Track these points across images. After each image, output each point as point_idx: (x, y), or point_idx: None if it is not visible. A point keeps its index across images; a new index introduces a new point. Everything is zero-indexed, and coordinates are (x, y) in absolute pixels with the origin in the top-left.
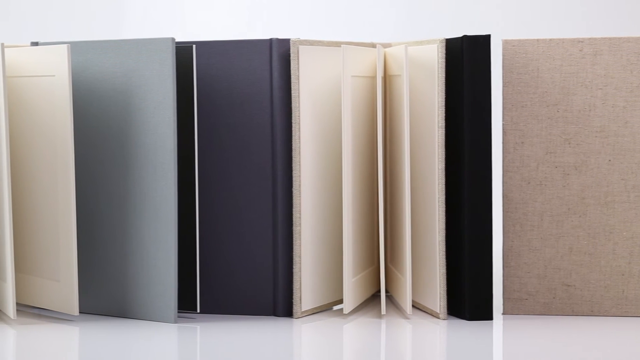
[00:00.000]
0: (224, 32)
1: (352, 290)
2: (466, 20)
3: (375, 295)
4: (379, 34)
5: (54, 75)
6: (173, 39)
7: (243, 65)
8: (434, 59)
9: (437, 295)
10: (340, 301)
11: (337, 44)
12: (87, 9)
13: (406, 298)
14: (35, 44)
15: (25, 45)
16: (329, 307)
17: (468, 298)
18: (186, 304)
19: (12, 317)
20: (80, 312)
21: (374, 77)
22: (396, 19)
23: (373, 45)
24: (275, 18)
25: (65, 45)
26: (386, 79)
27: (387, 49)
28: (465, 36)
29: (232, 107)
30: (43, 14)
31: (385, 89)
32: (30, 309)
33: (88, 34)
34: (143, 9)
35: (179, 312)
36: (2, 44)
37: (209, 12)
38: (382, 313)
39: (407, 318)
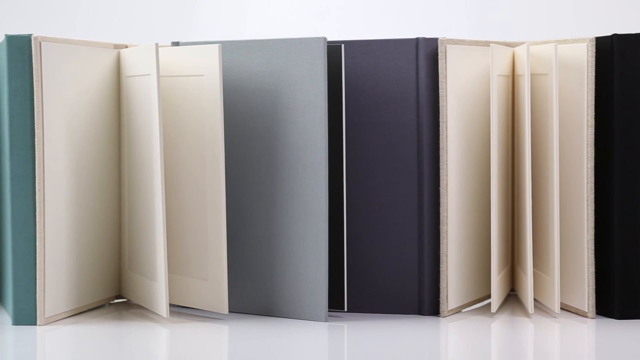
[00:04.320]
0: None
1: (498, 289)
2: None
3: (510, 295)
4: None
5: (202, 75)
6: (325, 39)
7: (389, 64)
8: (583, 58)
9: (585, 294)
10: (478, 300)
11: (480, 43)
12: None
13: (554, 297)
14: (175, 44)
15: (166, 45)
16: (468, 305)
17: (617, 297)
18: (333, 303)
19: (165, 316)
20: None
21: (509, 76)
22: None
23: (506, 44)
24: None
25: (217, 45)
26: (517, 78)
27: (515, 48)
28: (615, 35)
29: (378, 106)
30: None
31: (520, 88)
32: (179, 309)
33: (152, 35)
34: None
35: None
36: (156, 44)
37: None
38: (530, 312)
39: (554, 317)
